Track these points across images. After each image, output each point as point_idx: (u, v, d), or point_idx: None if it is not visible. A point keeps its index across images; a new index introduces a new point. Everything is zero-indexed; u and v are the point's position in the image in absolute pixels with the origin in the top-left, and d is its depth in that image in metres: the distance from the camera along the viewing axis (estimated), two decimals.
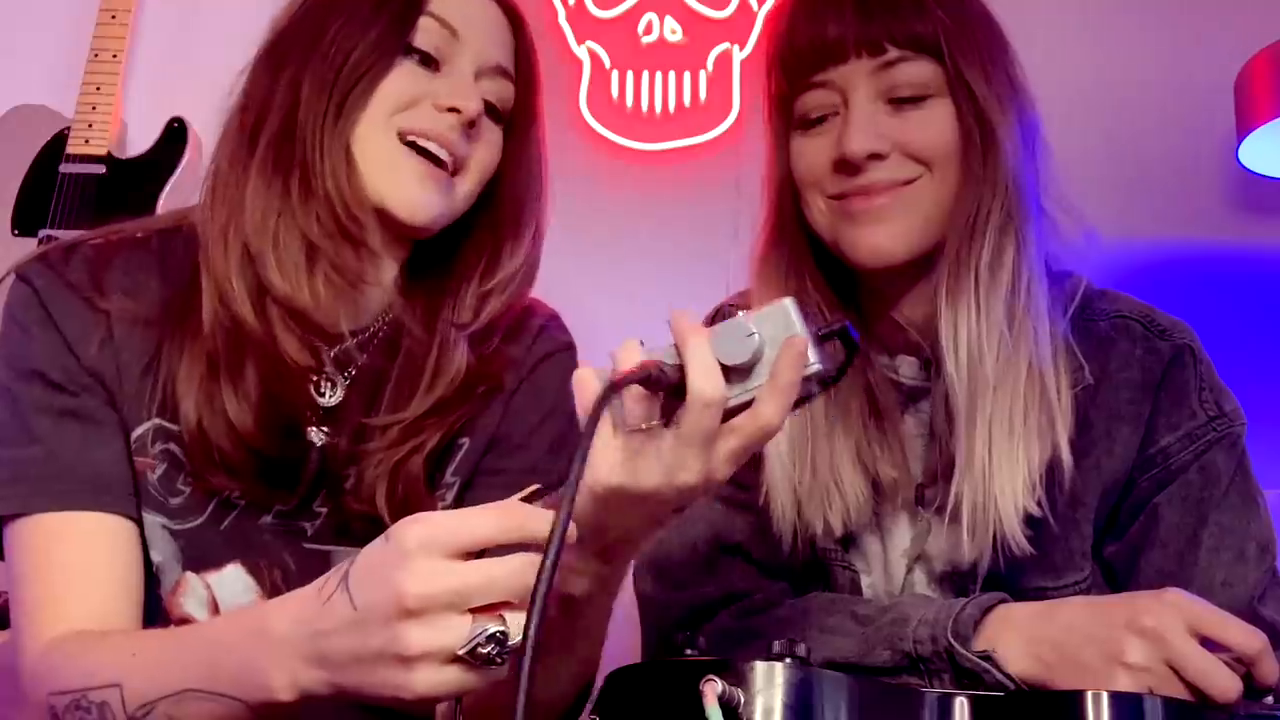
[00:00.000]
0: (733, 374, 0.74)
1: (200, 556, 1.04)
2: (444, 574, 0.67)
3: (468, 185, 1.08)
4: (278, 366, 1.01)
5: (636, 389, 0.75)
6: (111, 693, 0.83)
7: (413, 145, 1.04)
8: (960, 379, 1.05)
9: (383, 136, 1.03)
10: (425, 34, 1.05)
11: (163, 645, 0.85)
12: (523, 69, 1.12)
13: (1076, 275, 1.14)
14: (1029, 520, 1.03)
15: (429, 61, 1.05)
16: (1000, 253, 1.06)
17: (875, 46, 1.05)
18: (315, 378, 1.06)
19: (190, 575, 1.04)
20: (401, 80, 1.04)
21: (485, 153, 1.09)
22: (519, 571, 0.68)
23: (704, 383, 0.73)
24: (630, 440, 0.76)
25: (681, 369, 0.74)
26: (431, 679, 0.68)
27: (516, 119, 1.12)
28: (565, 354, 1.17)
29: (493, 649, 0.67)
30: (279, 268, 1.00)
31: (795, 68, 1.09)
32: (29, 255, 1.07)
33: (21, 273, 1.04)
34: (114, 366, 1.03)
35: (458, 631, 0.67)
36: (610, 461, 0.76)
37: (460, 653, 0.67)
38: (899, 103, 1.06)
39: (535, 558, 0.64)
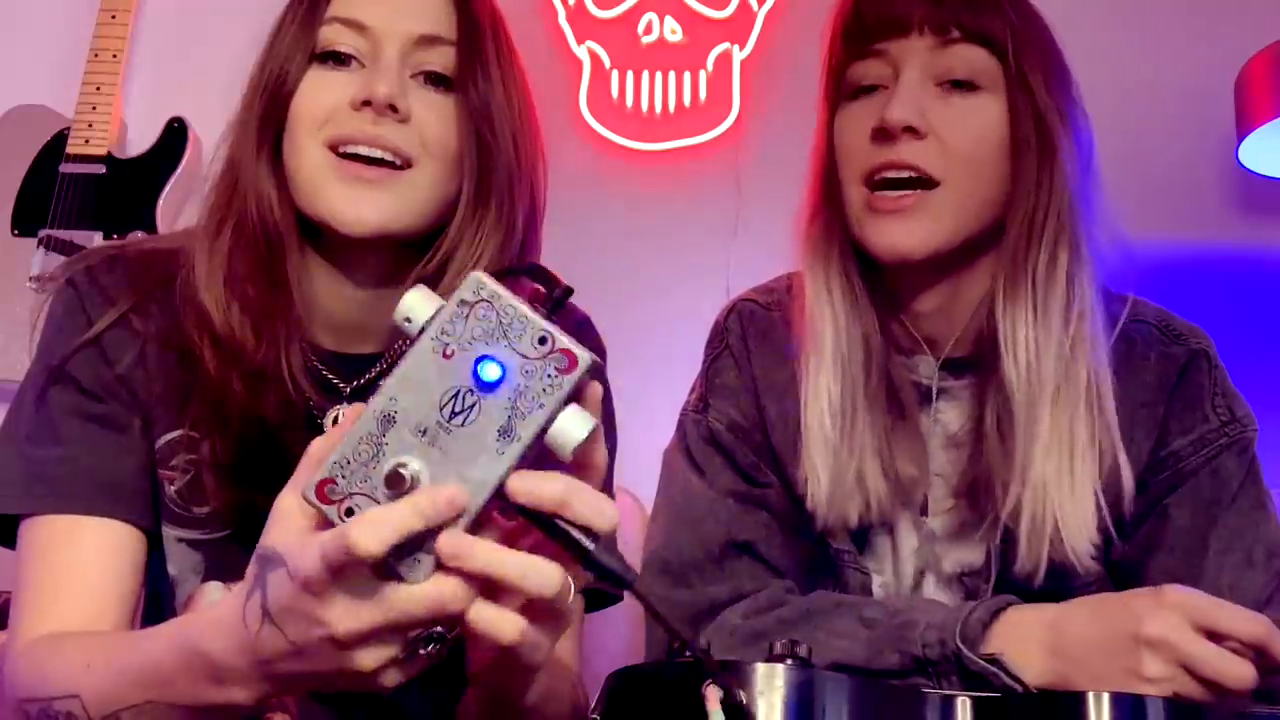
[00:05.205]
0: None
1: (229, 566, 1.03)
2: (368, 609, 0.64)
3: (429, 169, 1.02)
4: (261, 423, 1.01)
5: None
6: (73, 703, 0.83)
7: (347, 154, 1.00)
8: (1020, 383, 1.04)
9: (313, 152, 1.01)
10: (329, 39, 1.03)
11: (112, 661, 0.83)
12: (461, 28, 1.05)
13: (1127, 296, 1.14)
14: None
15: (344, 63, 1.03)
16: (1055, 259, 1.06)
17: (940, 27, 1.06)
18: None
19: (210, 586, 1.03)
20: (313, 90, 1.02)
21: (434, 128, 1.02)
22: (436, 596, 0.65)
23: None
24: None
25: None
26: (392, 678, 0.68)
27: (459, 80, 1.04)
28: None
29: (433, 647, 0.67)
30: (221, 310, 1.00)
31: (857, 36, 1.10)
32: (76, 259, 1.07)
33: (69, 276, 1.04)
34: (145, 378, 1.02)
35: (398, 643, 0.66)
36: None
37: (401, 656, 0.67)
38: (949, 88, 1.07)
39: (450, 582, 0.64)
